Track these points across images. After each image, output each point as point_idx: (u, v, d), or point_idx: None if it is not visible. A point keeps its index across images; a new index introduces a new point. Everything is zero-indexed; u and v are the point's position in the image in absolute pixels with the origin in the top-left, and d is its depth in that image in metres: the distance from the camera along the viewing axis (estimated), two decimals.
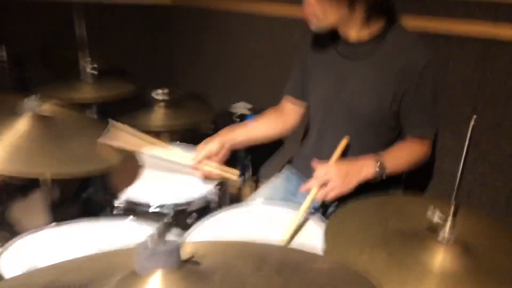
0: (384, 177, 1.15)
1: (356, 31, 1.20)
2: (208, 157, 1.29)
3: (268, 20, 2.20)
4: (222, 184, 1.42)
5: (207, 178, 1.32)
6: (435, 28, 1.43)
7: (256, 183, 2.50)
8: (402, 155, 1.23)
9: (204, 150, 1.29)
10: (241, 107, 2.25)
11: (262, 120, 1.50)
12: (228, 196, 1.51)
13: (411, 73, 1.15)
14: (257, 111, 2.21)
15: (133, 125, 1.75)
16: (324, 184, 1.08)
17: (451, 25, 1.39)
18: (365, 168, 1.13)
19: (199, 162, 1.29)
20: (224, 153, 1.34)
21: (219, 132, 1.36)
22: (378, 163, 1.13)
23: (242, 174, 2.04)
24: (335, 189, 1.07)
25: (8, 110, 1.18)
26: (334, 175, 1.07)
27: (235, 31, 2.45)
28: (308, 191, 1.09)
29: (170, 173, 1.48)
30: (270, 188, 1.47)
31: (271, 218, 1.20)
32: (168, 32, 3.10)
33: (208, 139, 1.32)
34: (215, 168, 1.30)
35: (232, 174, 1.32)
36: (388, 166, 1.15)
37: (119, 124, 1.25)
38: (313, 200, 1.09)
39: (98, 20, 2.72)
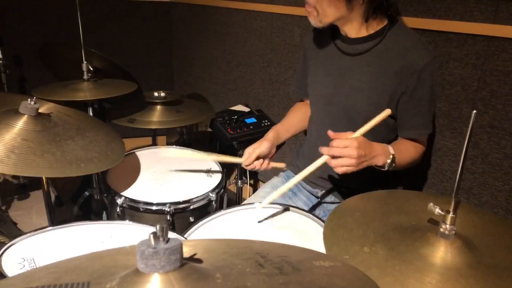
0: (388, 169, 1.14)
1: (355, 28, 1.20)
2: (258, 158, 1.33)
3: (268, 19, 2.20)
4: (222, 184, 1.43)
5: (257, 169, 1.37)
6: (434, 27, 1.43)
7: (256, 183, 2.50)
8: (408, 152, 1.23)
9: (255, 152, 1.32)
10: (240, 108, 2.25)
11: (296, 113, 1.52)
12: (227, 196, 1.51)
13: (409, 75, 1.15)
14: (256, 111, 2.21)
15: (132, 125, 1.76)
16: (338, 156, 1.05)
17: (451, 24, 1.39)
18: (379, 157, 1.11)
19: (252, 161, 1.32)
20: (272, 152, 1.39)
21: (268, 134, 1.41)
22: (391, 156, 1.12)
23: (242, 174, 2.03)
24: (346, 167, 1.05)
25: (7, 110, 1.18)
26: (353, 154, 1.03)
27: (235, 29, 2.45)
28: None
29: (170, 172, 1.48)
30: (269, 188, 1.47)
31: (270, 219, 1.20)
32: (167, 30, 3.10)
33: (258, 141, 1.36)
34: (264, 165, 1.36)
35: (280, 164, 1.42)
36: (396, 160, 1.14)
37: (167, 150, 1.29)
38: (320, 165, 1.09)
39: (98, 18, 2.73)
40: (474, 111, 0.67)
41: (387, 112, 1.09)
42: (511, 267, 0.72)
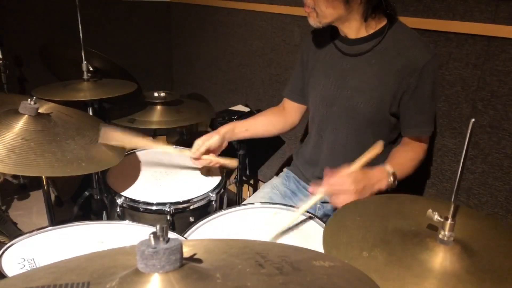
0: (393, 186, 1.13)
1: (354, 28, 1.20)
2: (208, 151, 1.33)
3: (268, 19, 2.20)
4: (222, 184, 1.43)
5: (207, 167, 1.37)
6: (434, 27, 1.43)
7: (256, 183, 2.50)
8: (408, 161, 1.22)
9: (205, 145, 1.32)
10: (240, 108, 2.25)
11: (262, 117, 1.52)
12: (227, 196, 1.51)
13: (410, 73, 1.15)
14: (256, 111, 2.21)
15: (132, 125, 1.76)
16: (335, 193, 1.05)
17: (451, 24, 1.39)
18: (380, 183, 1.11)
19: (200, 154, 1.32)
20: (223, 146, 1.38)
21: (219, 129, 1.39)
22: (392, 177, 1.12)
23: (242, 174, 2.04)
24: (346, 201, 1.02)
25: (7, 110, 1.18)
26: (351, 190, 1.03)
27: (235, 29, 2.45)
28: (314, 193, 1.07)
29: (170, 172, 1.48)
30: (269, 189, 1.47)
31: (270, 219, 1.20)
32: (167, 30, 3.10)
33: (209, 134, 1.36)
34: (214, 158, 1.34)
35: (231, 162, 1.36)
36: (398, 176, 1.14)
37: (110, 127, 1.28)
38: (315, 203, 1.09)
39: (98, 18, 2.73)
40: (473, 120, 0.67)
41: (379, 147, 1.09)
42: (510, 272, 0.72)
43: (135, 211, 1.29)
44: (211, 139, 1.33)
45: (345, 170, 1.08)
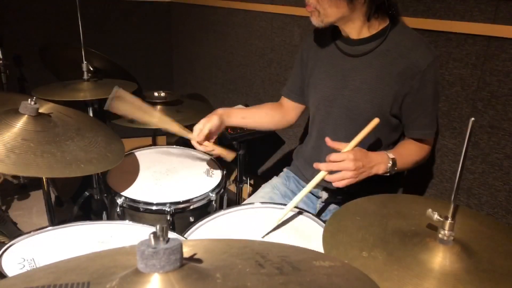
0: (391, 173, 1.15)
1: (357, 28, 1.20)
2: (210, 132, 1.31)
3: (268, 19, 2.20)
4: (222, 184, 1.43)
5: (207, 151, 1.34)
6: (434, 27, 1.43)
7: (256, 183, 2.50)
8: (410, 154, 1.23)
9: (206, 127, 1.29)
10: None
11: (260, 109, 1.51)
12: (227, 196, 1.51)
13: (412, 75, 1.14)
14: None
15: (132, 125, 1.76)
16: (336, 171, 1.07)
17: (451, 24, 1.39)
18: (378, 166, 1.12)
19: (203, 137, 1.29)
20: (221, 128, 1.36)
21: (216, 110, 1.37)
22: (390, 162, 1.13)
23: (242, 174, 2.03)
24: (346, 180, 1.06)
25: (7, 110, 1.18)
26: (351, 167, 1.05)
27: (235, 29, 2.45)
28: (318, 170, 1.08)
29: (170, 172, 1.48)
30: (269, 189, 1.47)
31: (270, 219, 1.20)
32: (167, 30, 3.10)
33: (207, 116, 1.33)
34: (215, 147, 1.32)
35: (229, 154, 1.35)
36: (398, 164, 1.14)
37: (123, 92, 1.23)
38: (319, 182, 1.09)
39: (98, 18, 2.73)
40: (472, 119, 0.67)
41: (375, 121, 1.10)
42: (509, 273, 0.72)
43: (135, 211, 1.29)
44: (211, 121, 1.30)
45: (344, 145, 1.09)
